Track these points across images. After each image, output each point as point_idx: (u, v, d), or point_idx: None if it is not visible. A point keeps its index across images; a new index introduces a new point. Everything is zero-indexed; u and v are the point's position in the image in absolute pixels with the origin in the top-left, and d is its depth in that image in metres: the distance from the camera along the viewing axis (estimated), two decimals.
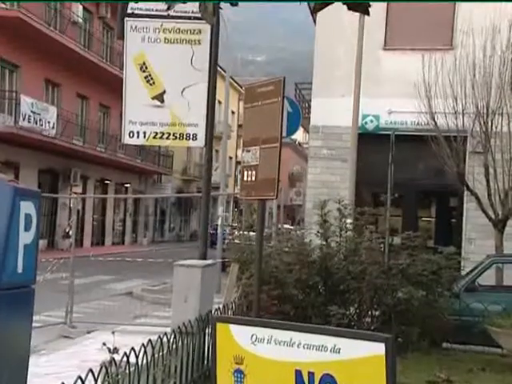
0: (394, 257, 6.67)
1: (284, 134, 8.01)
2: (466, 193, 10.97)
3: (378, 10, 11.66)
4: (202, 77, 5.90)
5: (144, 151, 31.32)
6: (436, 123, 9.93)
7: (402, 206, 12.52)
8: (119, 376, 3.39)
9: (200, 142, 5.99)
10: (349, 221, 7.15)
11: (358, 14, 8.46)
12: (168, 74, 5.97)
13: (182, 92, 5.94)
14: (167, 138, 6.01)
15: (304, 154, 55.49)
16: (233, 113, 45.38)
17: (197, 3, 5.60)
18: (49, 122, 21.85)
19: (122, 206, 32.47)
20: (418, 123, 11.37)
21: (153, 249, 26.14)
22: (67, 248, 18.28)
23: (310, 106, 14.53)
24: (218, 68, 6.49)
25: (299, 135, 54.35)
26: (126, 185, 31.80)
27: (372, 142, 11.87)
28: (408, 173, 11.96)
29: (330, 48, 12.73)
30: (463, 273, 7.92)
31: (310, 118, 13.34)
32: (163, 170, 34.81)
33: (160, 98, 5.98)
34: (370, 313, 6.63)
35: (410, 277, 6.44)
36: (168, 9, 5.90)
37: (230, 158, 45.84)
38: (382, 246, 6.84)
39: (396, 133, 7.73)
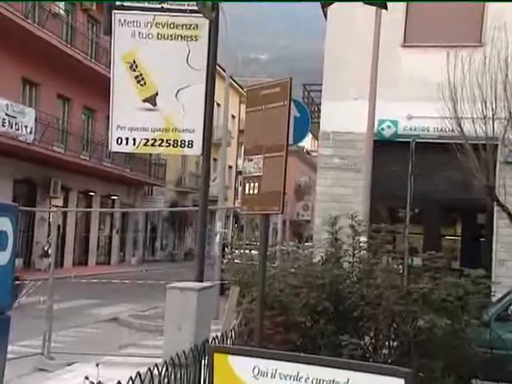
0: (414, 280, 6.65)
1: (291, 141, 8.04)
2: (496, 208, 10.95)
3: (396, 3, 11.73)
4: (199, 77, 5.93)
5: (133, 160, 31.43)
6: (462, 130, 9.93)
7: (422, 222, 12.51)
8: None
9: (196, 149, 6.01)
10: (363, 239, 7.16)
11: (374, 8, 8.46)
12: (161, 73, 6.01)
13: (176, 94, 5.97)
14: (160, 146, 6.03)
15: (312, 164, 55.49)
16: (233, 117, 45.55)
17: None
18: (26, 127, 21.95)
19: (108, 220, 32.51)
20: (441, 129, 11.39)
21: (142, 269, 26.11)
22: (46, 268, 18.28)
23: (319, 110, 14.57)
24: (217, 67, 6.53)
25: (307, 142, 54.36)
26: (113, 197, 31.87)
27: (389, 151, 11.86)
28: (430, 185, 11.96)
29: (342, 45, 12.80)
30: (494, 299, 7.90)
31: (319, 123, 13.38)
32: (155, 180, 34.90)
33: (152, 100, 6.01)
34: (387, 343, 6.61)
35: (433, 303, 6.42)
36: (161, 1, 5.95)
37: (230, 167, 45.94)
38: (400, 267, 6.83)
39: (416, 140, 7.73)
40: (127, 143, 6.05)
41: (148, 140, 6.02)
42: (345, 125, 12.53)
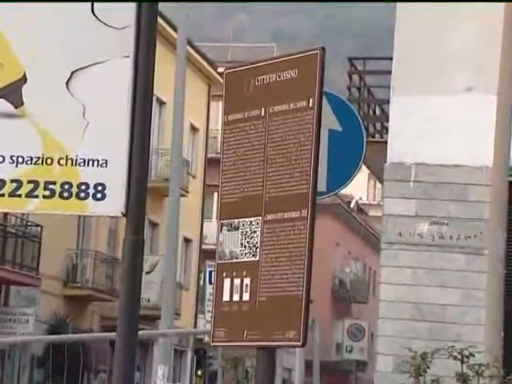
0: None
1: (323, 186, 8.06)
2: None
3: None
4: (118, 43, 6.00)
5: None
6: None
7: None
8: None
9: (112, 203, 6.02)
10: None
11: None
12: (34, 37, 6.08)
13: (68, 81, 6.02)
14: (30, 196, 6.04)
15: (369, 234, 55.48)
16: (194, 130, 45.82)
17: None
18: None
19: None
20: None
21: None
22: None
23: (386, 116, 14.71)
24: (162, 22, 6.61)
25: (359, 187, 54.78)
26: None
27: None
28: None
29: None
30: None
31: (385, 143, 13.50)
32: (16, 275, 34.88)
33: (14, 94, 6.06)
34: None
35: None
36: None
37: (188, 241, 46.03)
38: None
39: None
40: None
41: (4, 183, 6.04)
42: (443, 149, 12.62)
